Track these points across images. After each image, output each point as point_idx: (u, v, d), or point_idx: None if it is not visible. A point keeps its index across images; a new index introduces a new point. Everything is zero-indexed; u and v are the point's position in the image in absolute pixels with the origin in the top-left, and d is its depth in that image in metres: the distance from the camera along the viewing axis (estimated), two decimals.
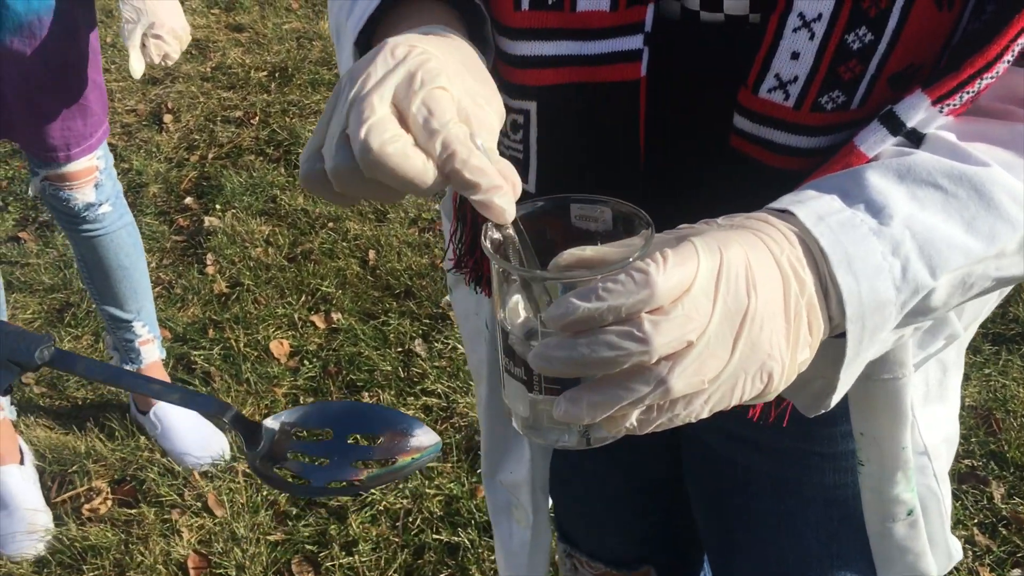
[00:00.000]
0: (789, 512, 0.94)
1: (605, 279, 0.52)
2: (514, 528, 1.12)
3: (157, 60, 1.81)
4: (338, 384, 2.38)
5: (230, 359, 2.46)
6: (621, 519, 1.19)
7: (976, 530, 1.98)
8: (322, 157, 0.59)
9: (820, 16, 0.64)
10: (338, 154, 0.57)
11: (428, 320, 2.55)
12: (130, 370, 2.17)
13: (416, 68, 0.57)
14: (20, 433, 2.21)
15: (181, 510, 2.09)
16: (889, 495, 0.86)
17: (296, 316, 2.59)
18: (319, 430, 0.76)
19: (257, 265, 2.78)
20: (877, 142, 0.64)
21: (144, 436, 2.25)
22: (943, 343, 0.82)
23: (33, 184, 1.98)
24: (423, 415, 2.28)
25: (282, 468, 0.74)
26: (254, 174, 3.15)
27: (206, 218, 2.98)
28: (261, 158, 3.24)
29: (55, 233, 2.91)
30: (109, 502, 2.12)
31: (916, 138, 0.64)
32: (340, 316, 2.58)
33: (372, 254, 2.80)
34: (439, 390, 2.33)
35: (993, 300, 0.84)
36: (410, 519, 2.05)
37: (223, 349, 2.49)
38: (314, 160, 0.59)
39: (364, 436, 0.76)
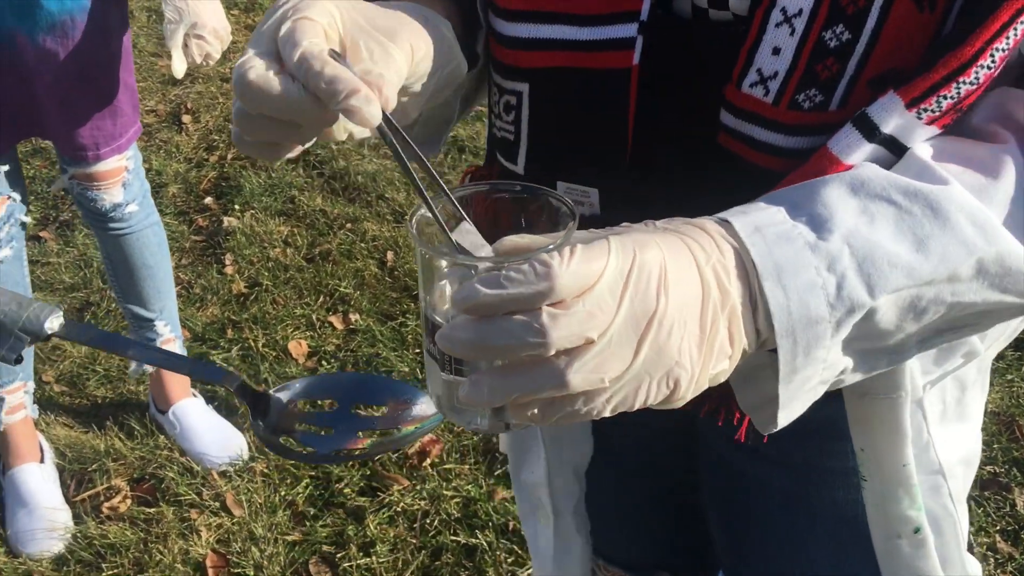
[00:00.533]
0: (799, 527, 0.93)
1: (509, 267, 0.52)
2: (539, 528, 1.12)
3: (199, 60, 1.83)
4: None
5: (248, 359, 2.47)
6: (638, 524, 1.19)
7: (998, 537, 1.97)
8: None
9: (800, 12, 0.63)
10: (233, 104, 0.62)
11: None
12: (136, 339, 2.18)
13: (286, 9, 0.62)
14: (40, 431, 2.22)
15: (200, 509, 2.09)
16: (893, 512, 0.85)
17: (314, 316, 2.60)
18: (324, 401, 0.77)
19: (276, 265, 2.78)
20: (850, 146, 0.62)
21: (163, 435, 2.25)
22: (961, 361, 0.81)
23: (61, 181, 1.99)
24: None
25: (288, 438, 0.75)
26: (273, 175, 3.16)
27: (225, 218, 2.99)
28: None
29: (76, 232, 2.93)
30: (128, 501, 2.13)
31: (898, 149, 0.63)
32: (358, 317, 2.59)
33: (390, 255, 2.81)
34: None
35: (1017, 323, 0.81)
36: (428, 520, 2.05)
37: (242, 349, 2.50)
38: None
39: (368, 406, 0.78)
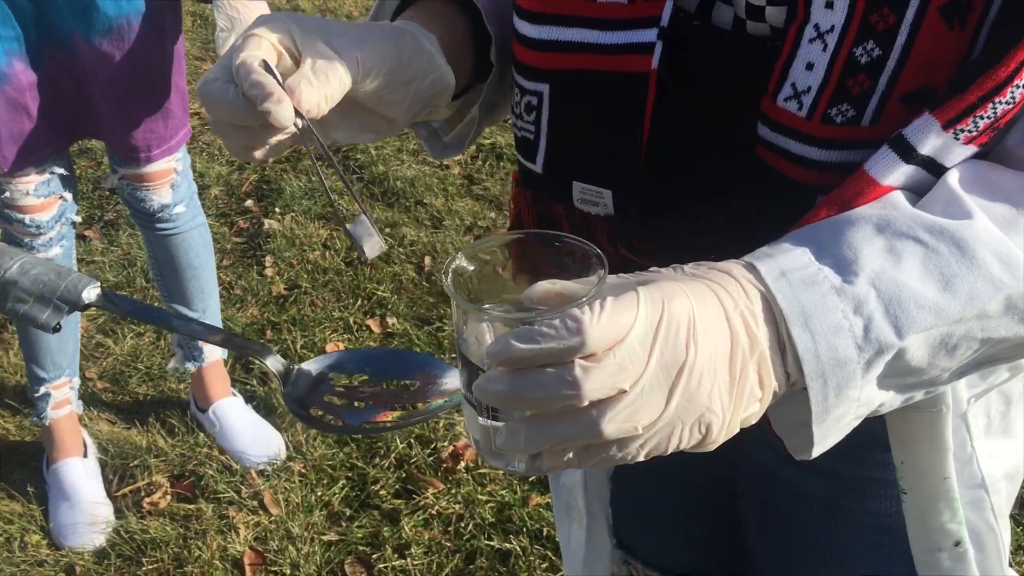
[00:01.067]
0: (838, 538, 0.93)
1: (541, 323, 0.53)
2: (572, 530, 1.13)
3: None
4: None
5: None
6: (676, 528, 1.19)
7: None
8: None
9: (832, 28, 0.64)
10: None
11: None
12: (173, 312, 2.21)
13: (247, 28, 0.70)
14: (84, 427, 2.27)
15: (238, 507, 2.12)
16: (933, 524, 0.85)
17: (352, 320, 2.62)
18: (356, 374, 0.79)
19: (315, 268, 2.82)
20: (887, 167, 0.63)
21: (203, 433, 2.29)
22: (1007, 375, 0.81)
23: (112, 179, 2.03)
24: None
25: (318, 410, 0.77)
26: (312, 179, 3.20)
27: (266, 221, 3.03)
28: (320, 162, 3.29)
29: (120, 232, 2.98)
30: (168, 497, 2.17)
31: (935, 169, 0.63)
32: (395, 321, 2.61)
33: (427, 260, 2.83)
34: None
35: None
36: (462, 524, 2.06)
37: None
38: None
39: (399, 381, 0.80)
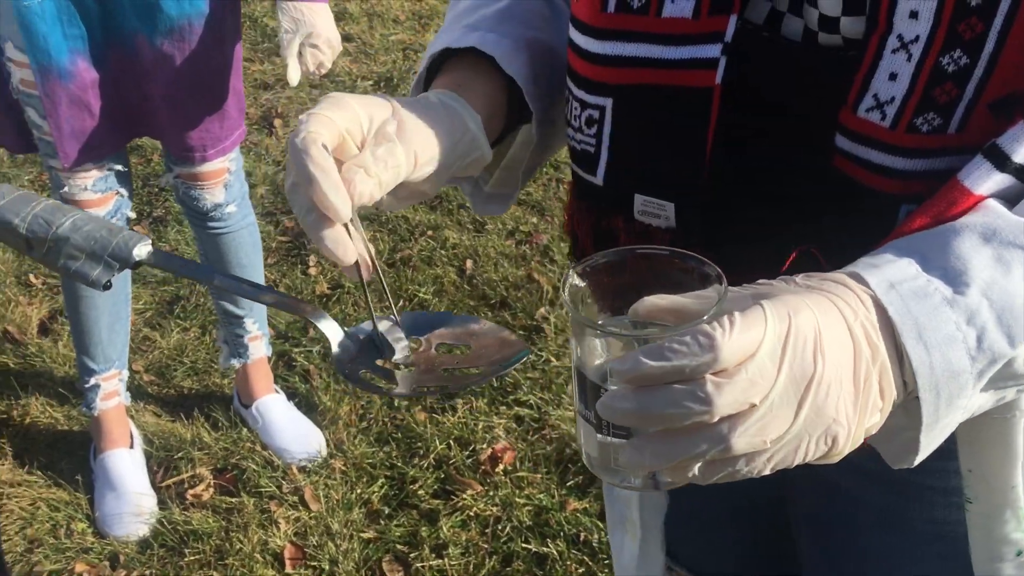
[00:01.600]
0: (895, 546, 0.93)
1: (671, 340, 0.53)
2: (625, 540, 1.14)
3: (312, 68, 1.88)
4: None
5: (329, 358, 2.53)
6: (722, 535, 1.19)
7: None
8: None
9: (917, 38, 0.64)
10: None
11: (522, 331, 2.58)
12: (225, 273, 2.24)
13: (320, 103, 0.73)
14: (131, 418, 2.31)
15: (279, 502, 2.15)
16: (998, 534, 0.85)
17: None
18: (409, 336, 0.79)
19: None
20: (982, 177, 0.63)
21: (246, 428, 2.32)
22: None
23: (166, 177, 2.07)
24: (515, 425, 2.31)
25: (367, 371, 0.77)
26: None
27: None
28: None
29: (168, 228, 3.03)
30: (211, 489, 2.20)
31: None
32: None
33: (469, 263, 2.85)
34: (531, 401, 2.36)
35: None
36: (499, 527, 2.08)
37: (323, 348, 2.56)
38: None
39: (449, 345, 0.80)
